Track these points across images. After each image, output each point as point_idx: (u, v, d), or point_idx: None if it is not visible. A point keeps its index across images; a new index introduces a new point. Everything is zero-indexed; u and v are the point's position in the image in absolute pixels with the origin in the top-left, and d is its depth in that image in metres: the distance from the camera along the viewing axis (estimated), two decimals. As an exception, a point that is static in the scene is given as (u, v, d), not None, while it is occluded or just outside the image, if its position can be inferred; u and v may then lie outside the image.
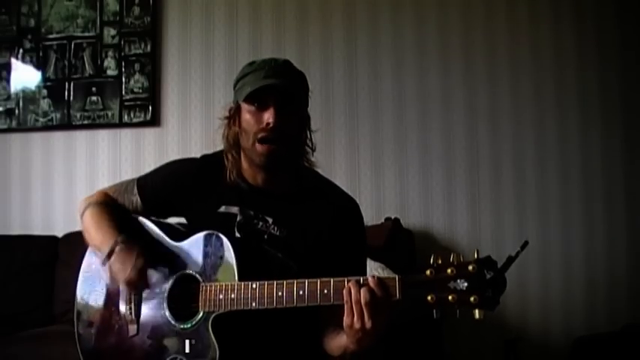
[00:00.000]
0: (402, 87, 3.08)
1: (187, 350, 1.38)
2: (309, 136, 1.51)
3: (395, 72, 3.09)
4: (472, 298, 1.14)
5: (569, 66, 3.05)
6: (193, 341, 1.38)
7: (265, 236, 1.47)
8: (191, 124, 3.13)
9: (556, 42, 3.06)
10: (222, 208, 1.49)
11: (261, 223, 1.47)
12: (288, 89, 1.41)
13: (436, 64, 3.08)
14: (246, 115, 1.43)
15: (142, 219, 1.58)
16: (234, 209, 1.49)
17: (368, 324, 1.22)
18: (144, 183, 1.59)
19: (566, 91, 3.04)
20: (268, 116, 1.39)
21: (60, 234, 2.97)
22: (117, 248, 1.44)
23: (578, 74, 3.04)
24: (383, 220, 2.87)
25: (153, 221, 1.57)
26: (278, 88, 1.39)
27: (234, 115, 1.47)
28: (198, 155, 1.63)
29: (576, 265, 2.97)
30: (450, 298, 1.15)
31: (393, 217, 2.85)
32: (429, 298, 1.17)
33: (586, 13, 3.06)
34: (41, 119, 3.18)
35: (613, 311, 2.92)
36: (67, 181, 3.16)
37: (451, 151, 3.05)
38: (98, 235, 1.51)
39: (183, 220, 1.59)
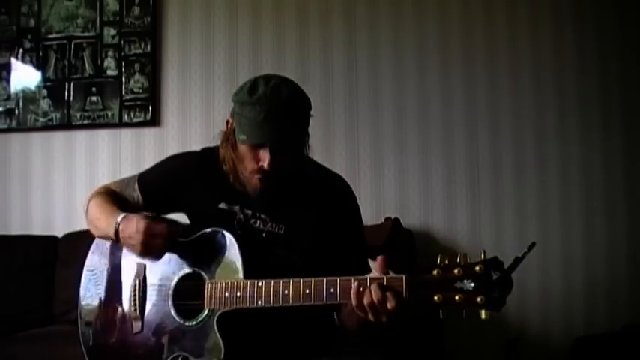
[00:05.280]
0: (402, 87, 3.08)
1: (193, 347, 1.39)
2: (306, 152, 1.49)
3: (395, 72, 3.09)
4: (479, 299, 1.15)
5: (570, 66, 3.05)
6: (199, 339, 1.38)
7: (263, 234, 1.48)
8: (191, 124, 3.13)
9: (556, 42, 3.06)
10: (222, 205, 1.50)
11: (258, 222, 1.48)
12: (283, 144, 1.39)
13: (436, 64, 3.08)
14: (243, 149, 1.42)
15: None
16: (235, 207, 1.49)
17: (383, 318, 1.23)
18: (144, 179, 1.60)
19: (567, 91, 3.04)
20: (263, 158, 1.38)
21: (60, 234, 2.97)
22: (120, 225, 1.44)
23: (579, 74, 3.04)
24: (383, 220, 2.87)
25: None
26: (273, 143, 1.37)
27: (230, 137, 1.46)
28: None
29: (576, 265, 2.97)
30: (456, 298, 1.16)
31: (393, 217, 2.85)
32: (436, 297, 1.18)
33: (586, 14, 3.06)
34: (41, 119, 3.18)
35: (613, 311, 2.92)
36: (67, 181, 3.16)
37: (451, 151, 3.04)
38: (103, 221, 1.51)
39: (184, 216, 1.59)
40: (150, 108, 3.13)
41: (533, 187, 3.02)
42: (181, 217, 1.58)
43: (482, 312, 1.15)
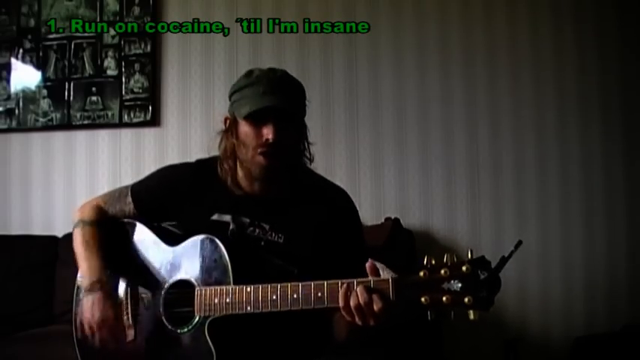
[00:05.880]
0: (402, 87, 3.08)
1: (185, 355, 1.38)
2: (306, 146, 1.51)
3: (395, 72, 3.08)
4: (466, 299, 1.14)
5: (570, 66, 3.04)
6: (190, 346, 1.38)
7: (262, 243, 1.47)
8: (191, 124, 3.13)
9: (556, 42, 3.05)
10: (215, 216, 1.50)
11: (257, 230, 1.48)
12: (287, 109, 1.42)
13: (436, 64, 3.08)
14: (245, 129, 1.43)
15: (136, 223, 1.57)
16: (227, 217, 1.49)
17: (370, 322, 1.22)
18: (138, 188, 1.60)
19: (567, 92, 3.04)
20: (267, 132, 1.39)
21: (60, 234, 2.96)
22: (90, 293, 1.46)
23: (579, 74, 3.04)
24: (383, 220, 2.87)
25: (147, 225, 1.57)
26: (277, 109, 1.40)
27: (230, 127, 1.48)
28: (197, 156, 1.64)
29: (576, 265, 2.97)
30: (444, 299, 1.15)
31: (393, 217, 2.85)
32: (423, 299, 1.16)
33: (586, 14, 3.05)
34: (41, 119, 3.17)
35: (613, 312, 2.92)
36: (67, 181, 3.16)
37: (451, 151, 3.04)
38: (83, 263, 1.52)
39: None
40: (150, 108, 3.12)
41: (533, 187, 3.01)
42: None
43: (471, 312, 1.14)
